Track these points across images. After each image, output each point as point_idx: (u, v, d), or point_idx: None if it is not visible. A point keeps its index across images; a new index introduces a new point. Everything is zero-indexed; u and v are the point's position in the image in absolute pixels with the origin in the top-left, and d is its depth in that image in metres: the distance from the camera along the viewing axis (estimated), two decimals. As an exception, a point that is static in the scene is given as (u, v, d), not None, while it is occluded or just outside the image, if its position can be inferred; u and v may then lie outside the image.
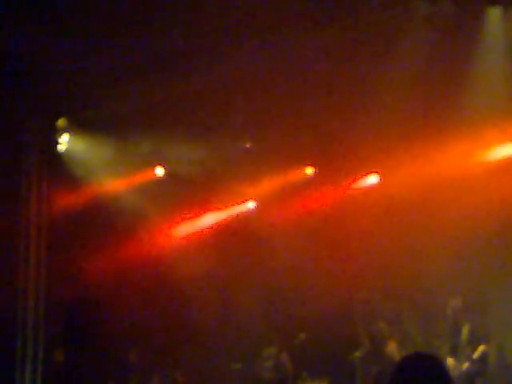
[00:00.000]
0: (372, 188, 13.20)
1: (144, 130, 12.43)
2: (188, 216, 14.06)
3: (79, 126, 12.28)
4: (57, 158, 12.49)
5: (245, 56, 10.50)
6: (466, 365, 11.24)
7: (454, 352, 11.33)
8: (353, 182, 13.31)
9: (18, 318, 12.19)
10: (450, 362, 11.28)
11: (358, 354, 12.84)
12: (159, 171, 13.56)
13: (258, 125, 12.62)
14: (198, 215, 14.10)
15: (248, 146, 13.55)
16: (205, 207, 13.97)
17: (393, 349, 11.68)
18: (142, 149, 13.02)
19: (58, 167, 12.58)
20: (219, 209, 14.07)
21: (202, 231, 14.08)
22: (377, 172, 13.18)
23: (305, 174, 13.68)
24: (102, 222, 13.06)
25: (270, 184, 13.68)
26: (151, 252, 13.70)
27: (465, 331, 11.30)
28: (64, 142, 12.40)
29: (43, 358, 12.35)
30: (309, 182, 13.60)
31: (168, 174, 13.56)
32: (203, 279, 13.55)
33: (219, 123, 12.30)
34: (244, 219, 14.07)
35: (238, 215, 14.15)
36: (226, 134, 12.77)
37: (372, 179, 13.23)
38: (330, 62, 10.55)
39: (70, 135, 12.37)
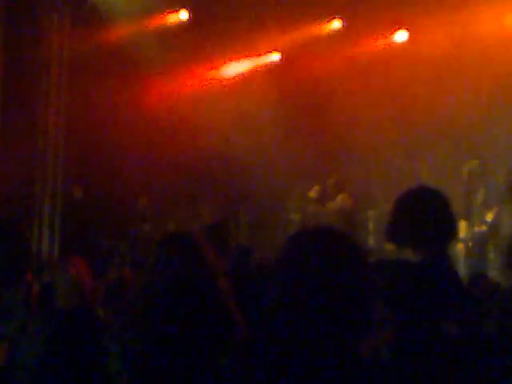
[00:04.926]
0: (401, 44, 12.77)
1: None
2: (212, 64, 13.80)
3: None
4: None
5: None
6: (478, 227, 11.27)
7: (468, 215, 11.31)
8: (381, 37, 12.86)
9: (38, 151, 12.31)
10: (463, 224, 11.29)
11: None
12: (183, 15, 13.21)
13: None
14: (221, 64, 13.83)
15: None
16: (229, 56, 13.67)
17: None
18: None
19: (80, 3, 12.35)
20: (244, 57, 13.75)
21: (225, 80, 13.84)
22: (406, 28, 12.73)
23: (331, 28, 13.25)
24: (123, 65, 12.86)
25: (295, 36, 13.29)
26: (172, 98, 13.56)
27: (480, 194, 11.24)
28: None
29: (62, 194, 12.56)
30: (336, 36, 13.17)
31: (192, 18, 13.21)
32: (229, 128, 13.20)
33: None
34: (268, 71, 13.74)
35: (262, 66, 13.84)
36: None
37: (401, 35, 12.80)
38: None
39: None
